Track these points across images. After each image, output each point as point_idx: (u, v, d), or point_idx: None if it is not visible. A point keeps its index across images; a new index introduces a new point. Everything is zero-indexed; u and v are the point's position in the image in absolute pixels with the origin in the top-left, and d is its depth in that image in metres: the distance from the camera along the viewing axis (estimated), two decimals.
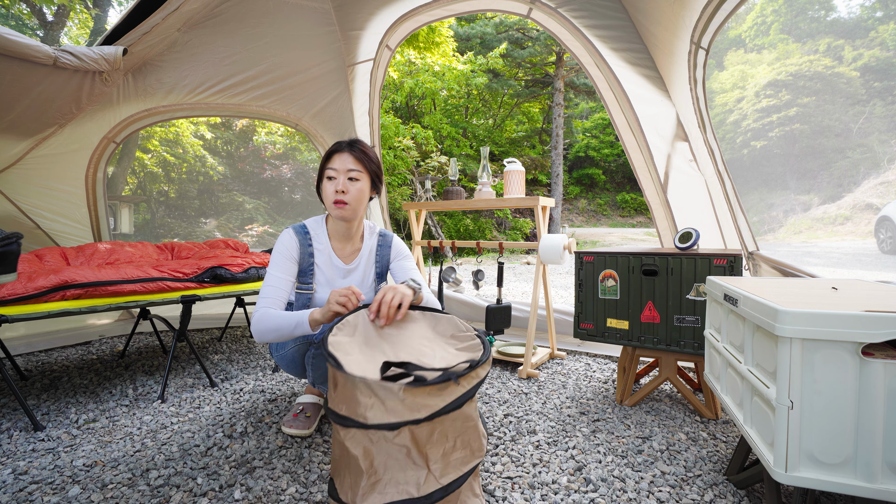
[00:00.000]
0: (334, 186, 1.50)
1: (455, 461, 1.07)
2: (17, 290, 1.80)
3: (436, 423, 1.04)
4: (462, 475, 1.07)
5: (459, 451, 1.09)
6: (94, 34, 10.34)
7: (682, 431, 1.69)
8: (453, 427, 1.08)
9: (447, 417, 1.06)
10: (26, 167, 2.82)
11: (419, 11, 3.07)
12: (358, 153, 1.53)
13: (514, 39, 14.96)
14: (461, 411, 1.09)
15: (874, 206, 8.95)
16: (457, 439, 1.08)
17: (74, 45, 2.29)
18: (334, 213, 1.54)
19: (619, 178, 19.69)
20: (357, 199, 1.53)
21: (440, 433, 1.05)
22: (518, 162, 2.57)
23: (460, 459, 1.08)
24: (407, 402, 1.00)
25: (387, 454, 1.03)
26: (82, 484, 1.37)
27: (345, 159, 1.52)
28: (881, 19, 12.18)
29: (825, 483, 0.95)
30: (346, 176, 1.51)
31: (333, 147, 1.56)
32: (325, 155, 1.56)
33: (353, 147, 1.54)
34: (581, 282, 2.05)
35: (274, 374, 2.39)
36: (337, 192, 1.50)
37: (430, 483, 1.03)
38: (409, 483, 1.02)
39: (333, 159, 1.52)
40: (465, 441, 1.10)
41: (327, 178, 1.52)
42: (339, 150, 1.53)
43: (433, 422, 1.04)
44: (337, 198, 1.50)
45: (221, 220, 9.34)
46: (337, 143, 1.57)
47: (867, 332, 0.91)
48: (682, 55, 2.24)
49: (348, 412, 1.04)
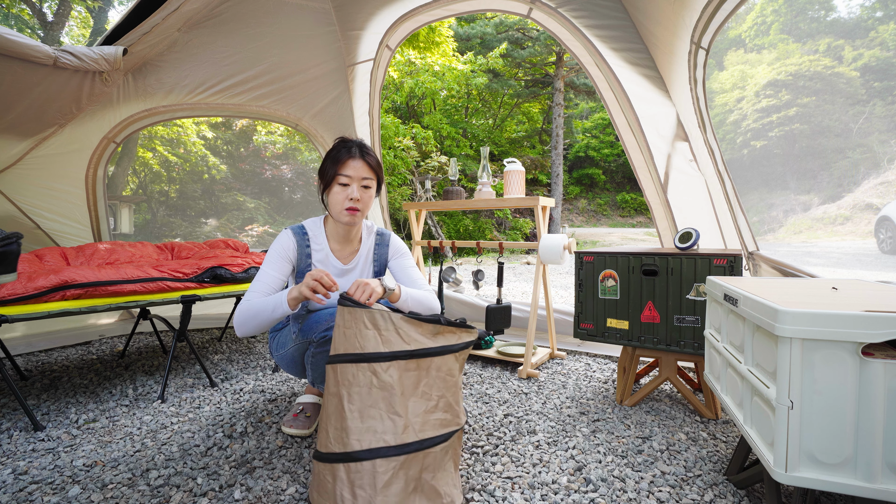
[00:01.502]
0: (347, 194, 1.48)
1: (435, 421, 1.14)
2: (17, 290, 1.80)
3: (422, 368, 1.14)
4: (440, 435, 1.14)
5: (441, 413, 1.16)
6: (95, 34, 10.35)
7: (682, 431, 1.69)
8: (438, 382, 1.15)
9: (433, 365, 1.15)
10: (26, 167, 2.82)
11: (419, 11, 3.07)
12: (371, 160, 1.53)
13: (514, 39, 14.95)
14: (447, 364, 1.18)
15: (874, 206, 8.95)
16: (440, 399, 1.16)
17: (74, 45, 2.29)
18: (343, 220, 1.53)
19: (619, 178, 19.69)
20: (368, 205, 1.55)
21: (426, 385, 1.14)
22: (518, 162, 2.57)
23: (440, 421, 1.15)
24: (402, 331, 1.13)
25: (370, 402, 1.11)
26: (82, 484, 1.37)
27: (359, 167, 1.50)
28: (881, 19, 12.17)
29: (825, 483, 0.95)
30: (361, 184, 1.50)
31: (343, 152, 1.50)
32: (334, 159, 1.51)
33: (365, 154, 1.53)
34: (581, 282, 2.05)
35: (274, 374, 2.39)
36: (351, 199, 1.49)
37: (409, 434, 1.10)
38: (387, 432, 1.10)
39: (347, 165, 1.49)
40: (448, 403, 1.17)
41: (340, 184, 1.49)
42: (351, 156, 1.50)
43: (420, 367, 1.14)
44: (350, 205, 1.49)
45: (222, 220, 9.34)
46: (345, 146, 1.52)
47: (867, 332, 0.91)
48: (682, 55, 2.24)
49: (346, 349, 1.15)
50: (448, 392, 1.18)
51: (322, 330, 1.48)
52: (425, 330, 1.17)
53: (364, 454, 1.09)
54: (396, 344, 1.13)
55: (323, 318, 1.52)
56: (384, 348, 1.12)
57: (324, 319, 1.51)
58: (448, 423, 1.17)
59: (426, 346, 1.15)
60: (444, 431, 1.15)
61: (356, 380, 1.14)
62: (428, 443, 1.12)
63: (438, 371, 1.16)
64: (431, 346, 1.16)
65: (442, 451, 1.16)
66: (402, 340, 1.13)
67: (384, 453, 1.09)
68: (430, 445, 1.12)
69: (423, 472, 1.12)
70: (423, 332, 1.16)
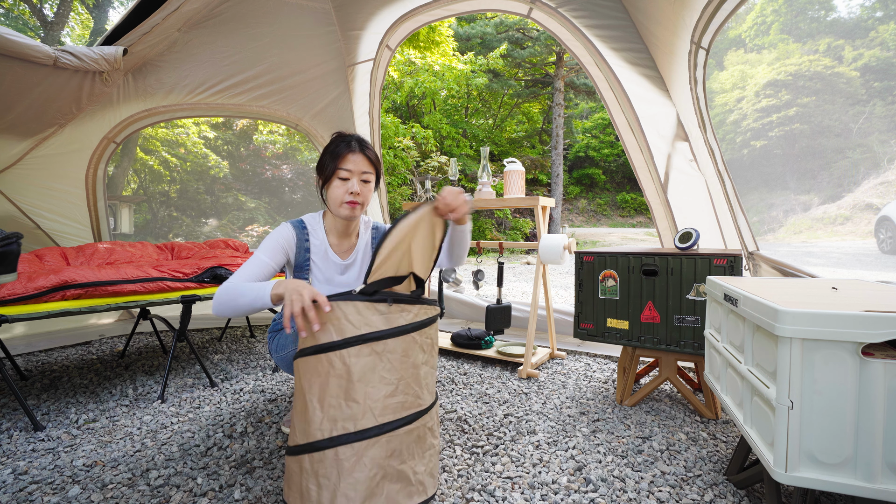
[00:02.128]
0: (347, 188, 1.49)
1: (396, 405, 1.14)
2: (17, 290, 1.80)
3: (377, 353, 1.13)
4: (401, 418, 1.13)
5: (401, 396, 1.15)
6: (95, 34, 10.35)
7: (682, 431, 1.69)
8: (395, 364, 1.14)
9: (387, 347, 1.14)
10: (26, 167, 2.82)
11: (419, 11, 3.07)
12: (371, 154, 1.54)
13: (514, 39, 14.95)
14: (404, 345, 1.16)
15: (874, 206, 8.95)
16: (399, 382, 1.15)
17: (74, 45, 2.29)
18: (343, 213, 1.53)
19: (619, 178, 19.69)
20: (367, 199, 1.55)
21: (383, 369, 1.13)
22: (518, 162, 2.57)
23: (401, 404, 1.14)
24: (350, 317, 1.13)
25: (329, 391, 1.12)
26: (82, 484, 1.37)
27: (359, 161, 1.50)
28: (881, 19, 12.17)
29: (825, 483, 0.95)
30: (361, 178, 1.51)
31: (343, 146, 1.51)
32: (333, 153, 1.51)
33: (364, 148, 1.53)
34: (581, 282, 2.05)
35: (274, 374, 2.39)
36: (352, 193, 1.49)
37: (368, 419, 1.10)
38: (347, 420, 1.10)
39: (347, 160, 1.49)
40: (408, 385, 1.16)
41: (340, 178, 1.49)
42: (351, 150, 1.50)
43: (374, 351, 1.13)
44: (350, 199, 1.49)
45: (223, 220, 9.35)
46: (343, 140, 1.52)
47: (867, 332, 0.91)
48: (682, 55, 2.24)
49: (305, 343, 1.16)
50: (407, 374, 1.16)
51: None
52: (374, 311, 1.15)
53: (325, 443, 1.09)
54: (348, 330, 1.12)
55: None
56: (336, 336, 1.12)
57: None
58: (409, 406, 1.16)
59: (378, 329, 1.14)
60: (405, 414, 1.14)
61: (315, 371, 1.14)
62: (388, 427, 1.11)
63: (393, 353, 1.15)
64: (383, 329, 1.14)
65: (407, 435, 1.15)
66: (353, 326, 1.12)
67: (345, 440, 1.09)
68: (391, 429, 1.11)
69: (389, 457, 1.11)
70: (373, 314, 1.14)
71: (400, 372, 1.15)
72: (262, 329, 3.39)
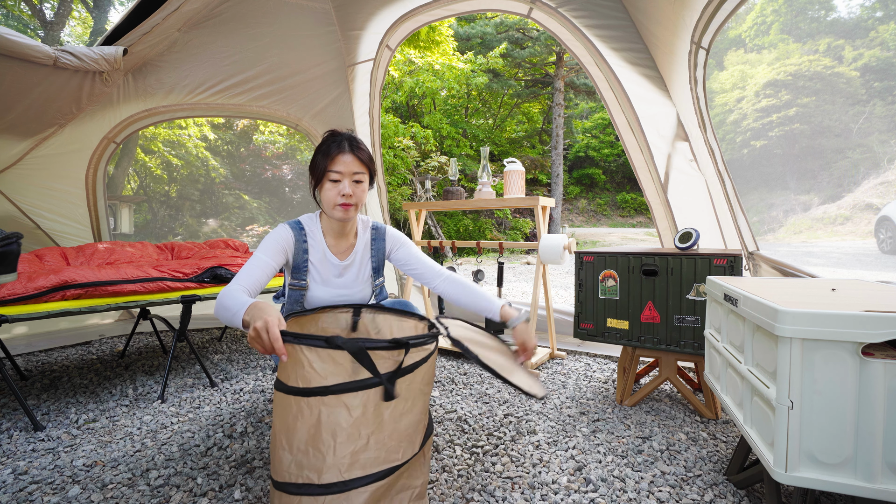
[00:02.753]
0: (339, 190, 1.46)
1: (364, 460, 1.02)
2: (17, 290, 1.80)
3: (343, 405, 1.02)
4: (371, 475, 1.03)
5: (373, 452, 1.03)
6: (95, 34, 10.35)
7: (682, 431, 1.69)
8: (367, 419, 1.03)
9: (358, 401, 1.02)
10: (26, 167, 2.82)
11: (419, 11, 3.07)
12: (362, 154, 1.49)
13: (514, 39, 14.95)
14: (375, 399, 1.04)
15: (874, 206, 8.95)
16: (370, 437, 1.03)
17: (75, 46, 2.29)
18: (336, 215, 1.51)
19: (619, 178, 19.69)
20: (361, 200, 1.51)
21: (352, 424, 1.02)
22: (518, 162, 2.57)
23: (372, 460, 1.03)
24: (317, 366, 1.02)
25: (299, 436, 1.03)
26: (82, 484, 1.37)
27: (349, 161, 1.46)
28: (881, 19, 12.17)
29: (825, 483, 0.95)
30: (352, 179, 1.47)
31: (333, 147, 1.48)
32: (324, 153, 1.48)
33: (354, 148, 1.49)
34: (581, 282, 2.05)
35: (274, 374, 2.39)
36: (343, 195, 1.46)
37: (332, 474, 1.01)
38: (311, 469, 1.01)
39: (336, 161, 1.46)
40: (379, 441, 1.04)
41: (331, 180, 1.47)
42: (341, 151, 1.47)
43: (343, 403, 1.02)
44: (342, 201, 1.46)
45: (224, 221, 9.35)
46: (334, 140, 1.49)
47: (867, 332, 0.91)
48: (682, 55, 2.24)
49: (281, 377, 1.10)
50: (382, 428, 1.04)
51: None
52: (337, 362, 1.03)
53: (292, 488, 1.03)
54: (313, 379, 1.02)
55: None
56: (301, 384, 1.03)
57: None
58: (382, 461, 1.04)
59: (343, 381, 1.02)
60: (376, 470, 1.04)
61: (287, 410, 1.06)
62: (354, 483, 1.01)
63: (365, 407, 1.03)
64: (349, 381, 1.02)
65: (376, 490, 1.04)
66: (318, 375, 1.02)
67: (307, 491, 1.01)
68: (358, 486, 1.01)
69: None
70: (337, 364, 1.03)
71: (372, 426, 1.03)
72: None
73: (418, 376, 1.12)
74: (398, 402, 1.07)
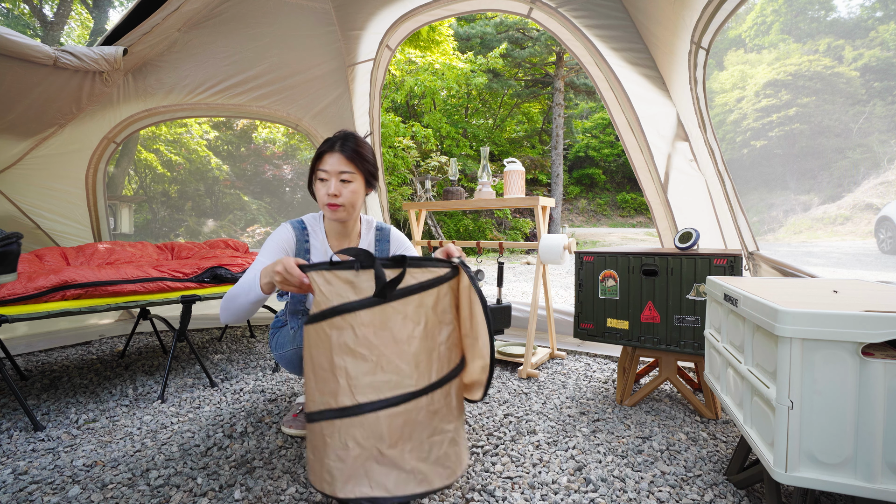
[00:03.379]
0: (326, 189, 1.45)
1: (377, 383, 1.03)
2: (17, 290, 1.80)
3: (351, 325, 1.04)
4: (383, 400, 1.03)
5: (382, 375, 1.04)
6: (95, 34, 10.35)
7: (682, 431, 1.69)
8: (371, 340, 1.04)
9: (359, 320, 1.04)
10: (26, 167, 2.82)
11: (419, 11, 3.07)
12: (350, 153, 1.45)
13: (514, 39, 14.95)
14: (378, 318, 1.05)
15: (874, 206, 8.95)
16: (379, 359, 1.04)
17: (75, 45, 2.29)
18: (328, 215, 1.50)
19: (619, 178, 19.69)
20: (351, 200, 1.48)
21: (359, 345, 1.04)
22: (518, 162, 2.57)
23: (384, 383, 1.04)
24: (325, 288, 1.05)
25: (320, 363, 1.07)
26: (82, 484, 1.37)
27: (336, 160, 1.44)
28: (881, 19, 12.17)
29: (825, 483, 0.95)
30: (338, 178, 1.44)
31: (324, 146, 1.48)
32: (317, 153, 1.49)
33: (344, 147, 1.46)
34: (581, 282, 2.05)
35: (274, 374, 2.39)
36: (329, 195, 1.44)
37: (346, 397, 1.03)
38: (329, 394, 1.05)
39: (324, 160, 1.45)
40: (390, 364, 1.04)
41: (319, 179, 1.46)
42: (329, 149, 1.46)
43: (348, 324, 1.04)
44: (329, 201, 1.45)
45: (223, 221, 9.35)
46: (328, 140, 1.48)
47: (867, 332, 0.91)
48: (682, 55, 2.24)
49: None
50: (389, 350, 1.04)
51: None
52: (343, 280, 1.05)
53: (315, 416, 1.07)
54: (322, 302, 1.05)
55: None
56: (314, 309, 1.07)
57: None
58: (395, 386, 1.04)
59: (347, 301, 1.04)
60: (390, 395, 1.03)
61: (310, 340, 1.10)
62: (367, 407, 1.02)
63: (367, 327, 1.03)
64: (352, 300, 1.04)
65: (394, 418, 1.03)
66: (325, 297, 1.05)
67: (327, 416, 1.05)
68: (371, 410, 1.02)
69: (375, 440, 1.02)
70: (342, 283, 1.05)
71: (379, 348, 1.03)
72: (262, 329, 3.39)
73: (428, 299, 1.10)
74: (405, 322, 1.06)
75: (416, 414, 1.05)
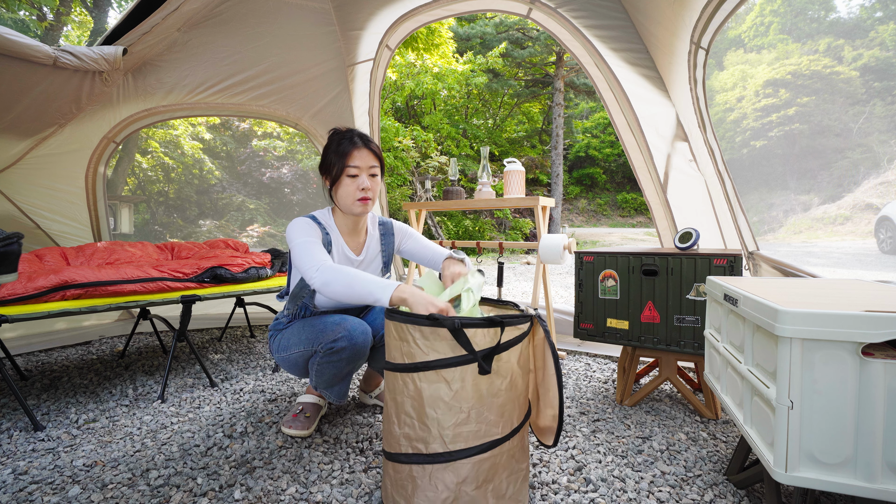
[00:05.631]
0: (358, 184, 1.49)
1: (466, 433, 1.10)
2: (17, 290, 1.80)
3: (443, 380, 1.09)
4: (474, 447, 1.10)
5: (473, 425, 1.10)
6: (95, 34, 10.35)
7: (682, 431, 1.69)
8: (465, 394, 1.10)
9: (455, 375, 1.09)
10: (26, 167, 2.82)
11: (419, 11, 3.07)
12: (375, 148, 1.54)
13: (514, 39, 14.95)
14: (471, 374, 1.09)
15: (874, 206, 8.95)
16: (470, 411, 1.10)
17: (74, 45, 2.30)
18: (357, 210, 1.53)
19: (619, 178, 19.70)
20: (377, 193, 1.56)
21: (453, 398, 1.10)
22: (518, 162, 2.57)
23: (473, 433, 1.10)
24: (420, 342, 1.10)
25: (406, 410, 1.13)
26: (82, 484, 1.37)
27: (366, 156, 1.50)
28: (881, 19, 12.18)
29: (825, 483, 0.95)
30: (369, 173, 1.51)
31: (347, 143, 1.50)
32: (339, 152, 1.49)
33: (369, 143, 1.53)
34: (581, 282, 2.05)
35: (274, 374, 2.39)
36: (362, 189, 1.49)
37: (438, 445, 1.10)
38: (419, 441, 1.12)
39: (353, 156, 1.49)
40: (480, 415, 1.10)
41: (349, 175, 1.49)
42: (356, 146, 1.50)
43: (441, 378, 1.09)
44: (362, 195, 1.50)
45: (223, 221, 9.35)
46: (346, 137, 1.51)
47: (867, 332, 0.91)
48: (681, 55, 2.24)
49: (388, 358, 1.19)
50: (480, 402, 1.10)
51: (329, 341, 1.48)
52: (440, 337, 1.09)
53: (403, 458, 1.13)
54: (417, 355, 1.11)
55: (329, 328, 1.51)
56: (406, 360, 1.12)
57: (330, 329, 1.50)
58: (484, 435, 1.11)
59: (443, 357, 1.09)
60: (479, 443, 1.10)
61: (394, 386, 1.16)
62: (458, 454, 1.09)
63: (463, 382, 1.09)
64: (448, 357, 1.09)
65: (481, 463, 1.10)
66: (421, 351, 1.10)
67: (416, 460, 1.11)
68: (463, 457, 1.09)
69: (462, 483, 1.09)
70: (438, 340, 1.09)
71: (471, 401, 1.10)
72: (261, 329, 3.39)
73: (513, 355, 1.15)
74: (494, 378, 1.12)
75: (499, 458, 1.14)
